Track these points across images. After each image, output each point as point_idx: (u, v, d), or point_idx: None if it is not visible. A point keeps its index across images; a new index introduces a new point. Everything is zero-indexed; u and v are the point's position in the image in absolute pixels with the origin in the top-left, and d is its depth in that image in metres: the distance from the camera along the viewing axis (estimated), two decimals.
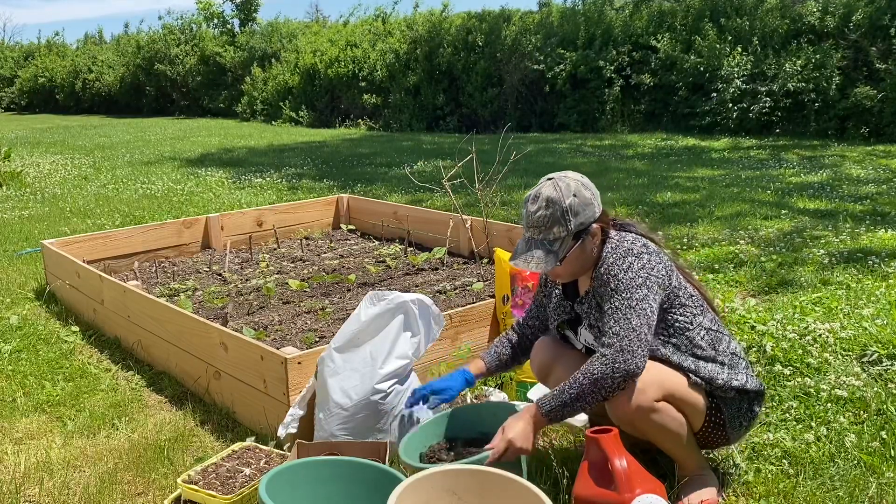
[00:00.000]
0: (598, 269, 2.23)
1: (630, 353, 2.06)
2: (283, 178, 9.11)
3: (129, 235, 5.03)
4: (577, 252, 2.21)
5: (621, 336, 2.08)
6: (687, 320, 2.23)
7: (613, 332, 2.09)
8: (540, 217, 2.17)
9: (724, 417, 2.26)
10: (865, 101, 11.04)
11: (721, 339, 2.28)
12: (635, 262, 2.16)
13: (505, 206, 6.65)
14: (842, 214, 6.01)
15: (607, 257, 2.21)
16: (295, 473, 2.15)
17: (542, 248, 2.17)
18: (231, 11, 25.14)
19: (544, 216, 2.17)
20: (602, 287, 2.19)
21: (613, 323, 2.10)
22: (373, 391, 2.55)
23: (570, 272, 2.26)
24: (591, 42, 14.05)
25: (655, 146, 11.17)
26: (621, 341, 2.07)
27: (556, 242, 2.17)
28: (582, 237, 2.19)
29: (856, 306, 3.77)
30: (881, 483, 2.33)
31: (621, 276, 2.14)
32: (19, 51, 33.02)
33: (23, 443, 2.91)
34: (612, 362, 2.06)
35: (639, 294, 2.12)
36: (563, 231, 2.16)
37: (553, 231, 2.17)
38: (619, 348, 2.07)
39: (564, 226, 2.16)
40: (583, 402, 2.10)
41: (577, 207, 2.17)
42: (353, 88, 17.54)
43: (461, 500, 1.99)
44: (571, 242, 2.18)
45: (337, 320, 3.75)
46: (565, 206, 2.16)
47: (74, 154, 12.65)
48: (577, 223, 2.17)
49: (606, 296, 2.16)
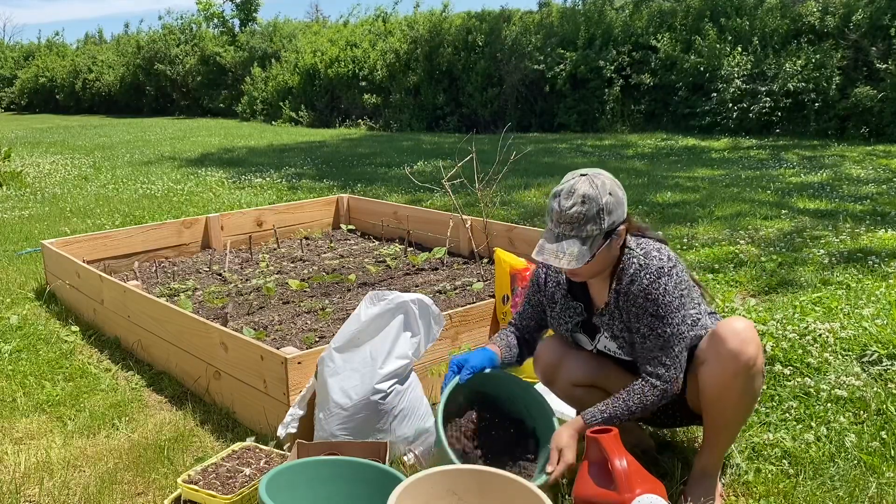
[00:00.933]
0: (623, 284, 2.23)
1: (677, 382, 2.21)
2: (283, 178, 9.11)
3: (129, 235, 5.03)
4: (604, 252, 2.18)
5: (668, 366, 2.19)
6: (697, 312, 2.29)
7: (660, 363, 2.20)
8: (575, 213, 2.11)
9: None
10: (865, 101, 11.04)
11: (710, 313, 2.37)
12: (669, 283, 2.18)
13: (505, 206, 6.65)
14: (842, 214, 6.01)
15: (638, 275, 2.20)
16: (295, 473, 2.15)
17: (575, 245, 2.12)
18: (231, 11, 25.17)
19: (580, 212, 2.11)
20: (633, 305, 2.22)
21: (660, 352, 2.20)
22: (373, 391, 2.55)
23: (592, 272, 2.25)
24: (591, 42, 14.05)
25: (655, 146, 11.17)
26: (668, 371, 2.19)
27: (589, 240, 2.13)
28: (611, 238, 2.17)
29: (856, 306, 3.77)
30: (881, 483, 2.33)
31: (660, 299, 2.17)
32: (19, 51, 33.06)
33: (23, 443, 2.91)
34: (664, 393, 2.20)
35: (678, 318, 2.18)
36: (596, 229, 2.12)
37: (587, 228, 2.12)
38: (667, 379, 2.19)
39: (598, 224, 2.12)
40: (628, 418, 2.23)
41: (611, 206, 2.13)
42: (353, 88, 17.54)
43: (461, 499, 1.99)
44: (601, 241, 2.15)
45: (337, 320, 3.75)
46: (602, 203, 2.12)
47: (74, 154, 12.66)
48: (609, 222, 2.14)
49: (643, 317, 2.20)
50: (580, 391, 2.46)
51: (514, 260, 3.36)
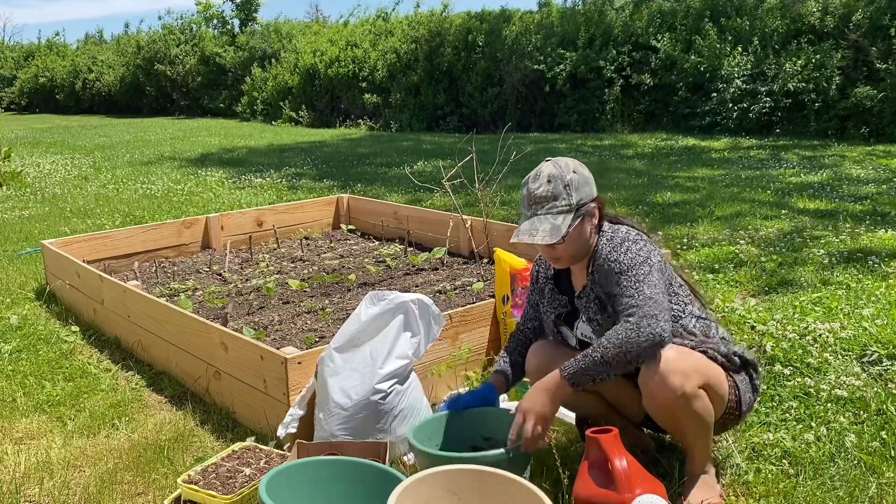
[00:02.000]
0: (595, 262, 2.26)
1: (653, 317, 2.07)
2: (283, 178, 9.11)
3: (129, 235, 5.03)
4: (577, 231, 2.23)
5: (640, 304, 2.09)
6: (679, 308, 2.27)
7: (631, 304, 2.10)
8: (543, 192, 2.21)
9: (739, 394, 2.29)
10: (865, 101, 11.03)
11: (710, 326, 2.32)
12: (633, 246, 2.21)
13: (505, 206, 6.65)
14: (842, 214, 6.01)
15: (603, 248, 2.24)
16: (295, 473, 2.15)
17: (547, 221, 2.20)
18: (231, 11, 25.16)
19: (547, 190, 2.21)
20: (604, 277, 2.22)
21: (627, 298, 2.12)
22: (373, 391, 2.55)
23: (571, 254, 2.28)
24: (592, 42, 14.05)
25: (655, 146, 11.17)
26: (641, 308, 2.08)
27: (560, 216, 2.20)
28: (582, 215, 2.23)
29: (856, 306, 3.77)
30: (881, 483, 2.33)
31: (622, 258, 2.18)
32: (19, 51, 33.04)
33: (23, 443, 2.91)
34: (637, 326, 2.06)
35: (644, 270, 2.15)
36: (565, 205, 2.20)
37: (556, 204, 2.20)
38: (641, 314, 2.07)
39: (567, 199, 2.20)
40: (607, 366, 2.08)
41: (577, 183, 2.22)
42: (353, 88, 17.54)
43: (461, 500, 1.99)
44: (573, 219, 2.20)
45: (337, 320, 3.75)
46: (567, 180, 2.21)
47: (74, 154, 12.66)
48: (577, 197, 2.21)
49: (612, 281, 2.19)
50: None
51: (514, 260, 3.36)
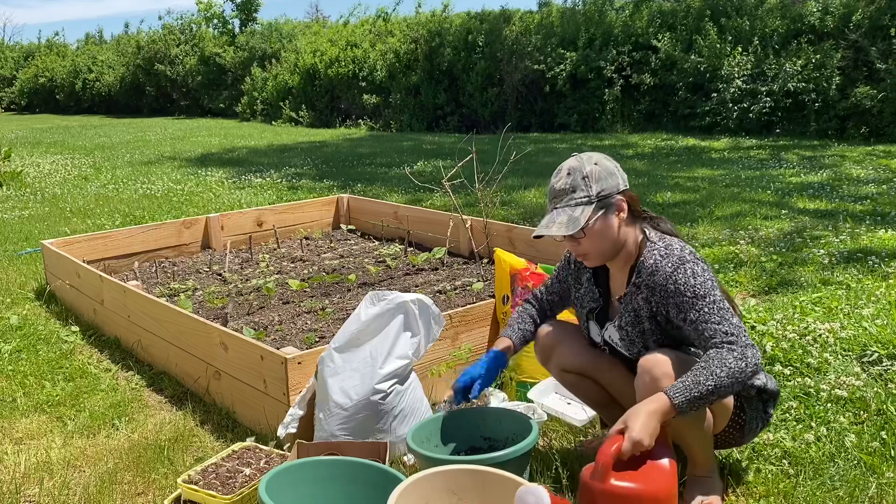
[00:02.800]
0: (643, 277, 2.19)
1: (753, 347, 2.03)
2: (283, 178, 9.11)
3: (129, 235, 5.03)
4: (601, 224, 2.17)
5: (736, 334, 2.03)
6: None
7: (725, 332, 2.04)
8: (561, 185, 2.18)
9: (745, 419, 2.26)
10: (865, 101, 11.03)
11: None
12: (696, 268, 2.13)
13: (505, 206, 6.65)
14: (842, 214, 6.01)
15: (658, 263, 2.15)
16: (295, 473, 2.15)
17: (565, 213, 2.16)
18: (231, 12, 25.17)
19: (565, 183, 2.18)
20: (660, 296, 2.15)
21: (716, 325, 2.05)
22: (373, 391, 2.55)
23: (598, 250, 2.22)
24: (592, 42, 14.05)
25: (655, 146, 11.17)
26: (739, 338, 2.03)
27: (578, 208, 2.15)
28: (605, 208, 2.17)
29: (856, 306, 3.77)
30: (881, 483, 2.33)
31: (692, 282, 2.10)
32: (19, 51, 33.04)
33: (23, 443, 2.91)
34: (744, 356, 2.00)
35: (718, 295, 2.10)
36: (584, 197, 2.15)
37: (574, 196, 2.16)
38: (743, 344, 2.02)
39: (585, 191, 2.15)
40: (717, 394, 2.01)
41: (597, 174, 2.17)
42: (353, 88, 17.54)
43: (461, 500, 1.99)
44: (594, 211, 2.15)
45: (337, 320, 3.75)
46: (585, 171, 2.17)
47: (74, 154, 12.66)
48: (598, 189, 2.15)
49: (678, 303, 2.11)
50: (571, 377, 2.50)
51: (514, 260, 3.36)
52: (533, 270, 3.25)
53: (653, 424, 1.98)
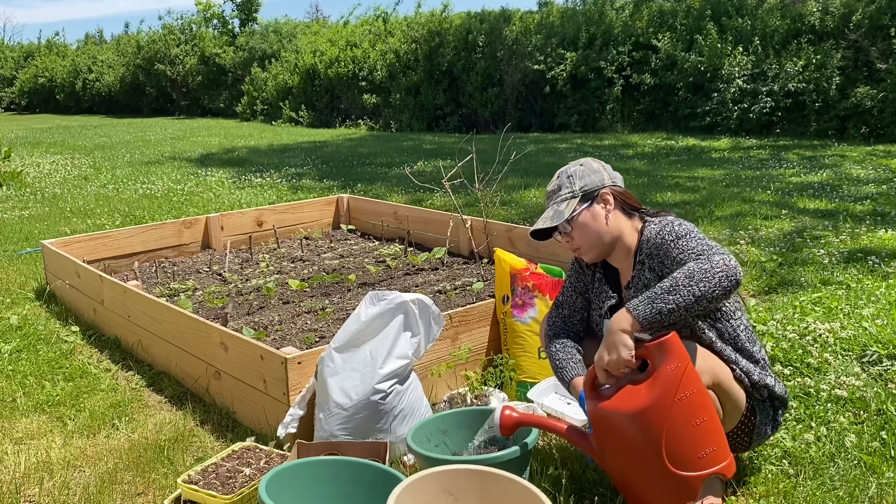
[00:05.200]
0: (644, 249, 2.27)
1: (724, 254, 2.03)
2: (283, 178, 9.11)
3: (129, 235, 5.03)
4: (588, 217, 2.31)
5: (707, 247, 2.08)
6: (731, 307, 2.26)
7: (697, 249, 2.08)
8: (551, 187, 2.41)
9: (755, 422, 2.27)
10: (866, 101, 11.03)
11: (756, 340, 2.32)
12: (684, 224, 2.20)
13: (505, 206, 6.65)
14: (842, 214, 6.00)
15: (653, 233, 2.24)
16: (295, 473, 2.15)
17: (552, 209, 2.36)
18: (231, 12, 25.17)
19: (553, 184, 2.40)
20: (656, 252, 2.21)
21: (690, 251, 2.10)
22: (373, 391, 2.55)
23: (587, 241, 2.33)
24: (592, 42, 14.05)
25: (656, 146, 11.17)
26: (710, 249, 2.07)
27: (563, 203, 2.34)
28: (590, 200, 2.32)
29: (856, 306, 3.77)
30: (881, 483, 2.33)
31: (676, 230, 2.18)
32: (19, 51, 33.04)
33: (23, 443, 2.91)
34: (708, 259, 2.01)
35: (701, 236, 2.15)
36: (568, 192, 2.34)
37: (561, 194, 2.36)
38: (711, 252, 2.04)
39: (569, 187, 2.35)
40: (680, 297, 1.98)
41: (581, 173, 2.36)
42: (353, 88, 17.54)
43: (459, 500, 1.99)
44: (579, 204, 2.32)
45: (337, 320, 3.75)
46: (570, 171, 2.38)
47: (74, 154, 12.66)
48: (581, 184, 2.34)
49: (667, 251, 2.16)
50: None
51: (514, 260, 3.36)
52: (533, 270, 3.25)
53: (619, 341, 2.03)
